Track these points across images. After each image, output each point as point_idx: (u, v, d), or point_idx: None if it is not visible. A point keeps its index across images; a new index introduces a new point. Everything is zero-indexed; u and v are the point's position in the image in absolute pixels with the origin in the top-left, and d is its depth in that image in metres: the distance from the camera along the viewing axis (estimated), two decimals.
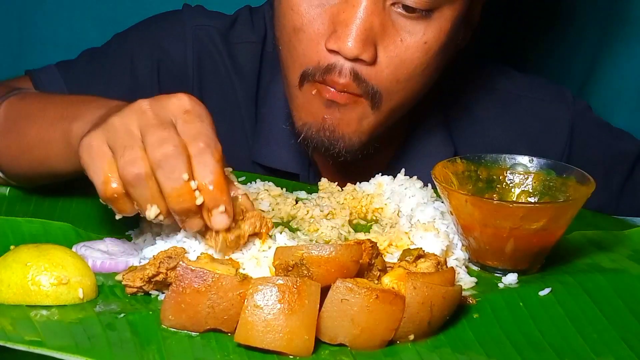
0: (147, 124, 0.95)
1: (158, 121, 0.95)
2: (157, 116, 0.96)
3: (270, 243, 1.01)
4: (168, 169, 0.93)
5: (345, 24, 1.17)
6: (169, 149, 0.93)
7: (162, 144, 0.93)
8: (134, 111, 0.97)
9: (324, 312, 0.87)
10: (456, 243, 1.08)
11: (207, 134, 0.95)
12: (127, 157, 0.94)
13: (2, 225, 1.06)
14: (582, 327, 0.95)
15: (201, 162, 0.94)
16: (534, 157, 1.12)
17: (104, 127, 0.97)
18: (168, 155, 0.93)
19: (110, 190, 0.95)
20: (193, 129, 0.95)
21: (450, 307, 0.92)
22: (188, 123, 0.96)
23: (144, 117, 0.96)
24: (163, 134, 0.94)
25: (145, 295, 0.96)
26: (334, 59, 1.19)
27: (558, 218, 1.02)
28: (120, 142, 0.95)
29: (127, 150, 0.94)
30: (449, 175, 1.09)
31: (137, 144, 0.94)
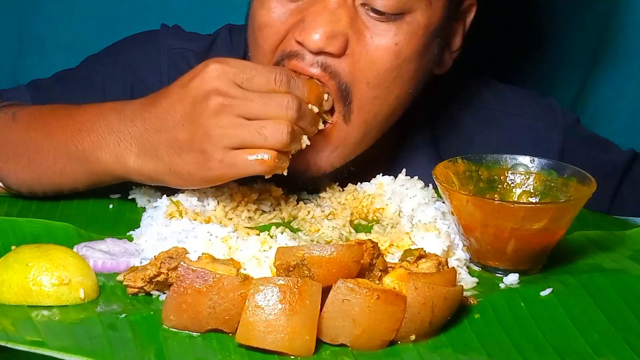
0: (241, 72, 1.07)
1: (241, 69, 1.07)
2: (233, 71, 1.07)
3: (271, 243, 1.01)
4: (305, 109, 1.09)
5: (313, 16, 1.15)
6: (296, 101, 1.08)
7: (287, 100, 1.07)
8: (214, 78, 1.06)
9: (325, 313, 0.87)
10: (457, 243, 1.08)
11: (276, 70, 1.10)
12: (273, 101, 1.07)
13: (4, 226, 1.06)
14: (583, 327, 0.95)
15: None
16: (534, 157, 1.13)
17: (209, 114, 1.05)
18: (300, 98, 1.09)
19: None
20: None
21: (451, 308, 0.92)
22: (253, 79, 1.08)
23: (228, 74, 1.07)
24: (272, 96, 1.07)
25: (146, 296, 0.96)
26: (299, 48, 1.17)
27: (559, 218, 1.02)
28: (251, 101, 1.06)
29: (265, 98, 1.07)
30: (450, 175, 1.09)
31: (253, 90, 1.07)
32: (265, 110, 1.06)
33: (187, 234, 1.03)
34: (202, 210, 1.14)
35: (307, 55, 1.16)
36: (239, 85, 1.07)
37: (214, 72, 1.07)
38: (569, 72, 1.93)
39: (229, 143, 1.05)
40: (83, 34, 1.78)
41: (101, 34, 1.56)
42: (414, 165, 1.32)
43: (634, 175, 1.51)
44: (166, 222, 1.08)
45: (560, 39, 1.92)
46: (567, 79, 1.91)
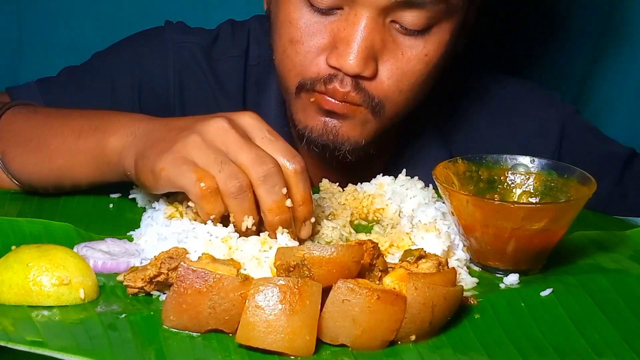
0: (236, 141, 1.03)
1: (245, 139, 1.03)
2: (241, 135, 1.03)
3: (271, 243, 1.01)
4: (270, 184, 1.02)
5: (347, 41, 1.18)
6: (271, 166, 1.02)
7: (263, 161, 1.02)
8: (214, 129, 1.03)
9: (325, 313, 0.87)
10: (457, 243, 1.09)
11: (292, 152, 1.05)
12: (227, 171, 1.01)
13: (4, 226, 1.06)
14: (584, 327, 0.95)
15: (297, 180, 1.04)
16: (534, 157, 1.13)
17: (184, 142, 1.03)
18: (271, 172, 1.01)
19: (208, 186, 1.01)
20: (279, 147, 1.04)
21: (451, 308, 0.92)
22: (272, 142, 1.05)
23: (229, 135, 1.03)
24: (259, 152, 1.02)
25: (146, 296, 0.96)
26: (334, 72, 1.21)
27: (559, 218, 1.02)
28: (213, 157, 1.02)
29: (224, 165, 1.01)
30: (450, 175, 1.09)
31: (231, 160, 1.02)
32: (244, 161, 1.03)
33: (187, 234, 1.03)
34: None
35: (345, 79, 1.21)
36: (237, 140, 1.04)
37: (218, 121, 1.05)
38: (570, 70, 1.93)
39: (192, 155, 1.03)
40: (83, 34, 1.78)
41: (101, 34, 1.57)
42: (419, 148, 1.41)
43: (635, 170, 1.51)
44: (166, 222, 1.08)
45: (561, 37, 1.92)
46: (568, 77, 1.91)
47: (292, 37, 1.23)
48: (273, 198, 1.02)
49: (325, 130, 1.25)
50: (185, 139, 1.04)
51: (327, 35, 1.21)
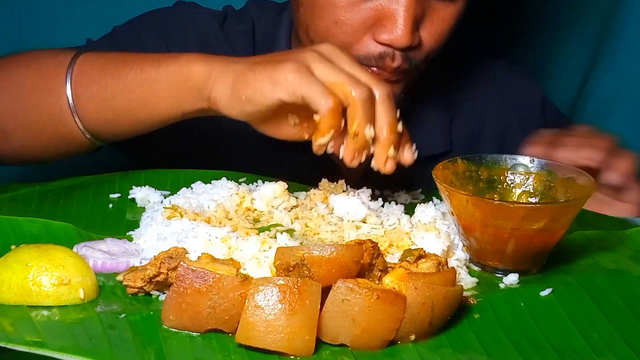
0: (352, 63, 1.09)
1: (354, 63, 1.09)
2: (348, 59, 1.10)
3: (271, 243, 1.01)
4: (390, 103, 1.07)
5: (394, 17, 1.24)
6: (389, 88, 1.08)
7: (383, 82, 1.08)
8: (329, 50, 1.10)
9: (325, 313, 0.87)
10: (457, 243, 1.09)
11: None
12: (354, 80, 1.06)
13: (3, 225, 1.06)
14: (583, 327, 0.95)
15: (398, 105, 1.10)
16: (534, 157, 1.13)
17: (304, 56, 1.08)
18: (390, 93, 1.08)
19: (336, 101, 1.05)
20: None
21: (451, 308, 0.92)
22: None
23: (344, 56, 1.10)
24: (372, 75, 1.09)
25: (146, 296, 0.96)
26: (385, 49, 1.26)
27: (559, 218, 1.02)
28: (337, 70, 1.07)
29: (350, 75, 1.06)
30: (450, 175, 1.09)
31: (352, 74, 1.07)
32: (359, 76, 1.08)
33: (187, 234, 1.03)
34: (202, 211, 1.14)
35: (396, 53, 1.26)
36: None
37: (325, 46, 1.11)
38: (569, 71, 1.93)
39: (313, 66, 1.07)
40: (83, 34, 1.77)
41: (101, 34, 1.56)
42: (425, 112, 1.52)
43: None
44: (166, 222, 1.08)
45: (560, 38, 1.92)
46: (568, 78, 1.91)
47: (336, 18, 1.28)
48: (392, 116, 1.07)
49: None
50: (303, 54, 1.08)
51: (371, 13, 1.26)
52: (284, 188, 1.19)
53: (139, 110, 1.20)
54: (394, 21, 1.24)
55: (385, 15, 1.25)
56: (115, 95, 1.20)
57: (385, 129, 1.07)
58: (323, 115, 1.05)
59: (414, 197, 1.29)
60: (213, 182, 1.22)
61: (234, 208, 1.17)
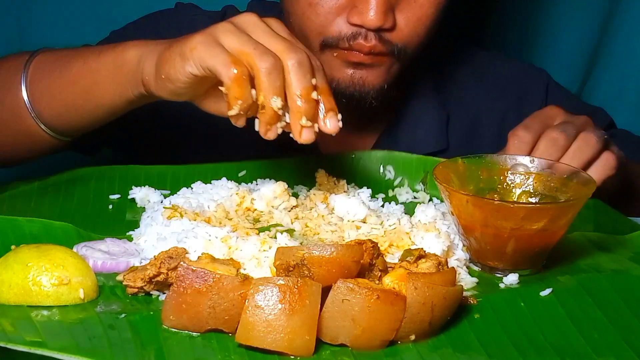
0: (266, 31, 1.07)
1: (271, 32, 1.07)
2: (266, 27, 1.07)
3: (271, 243, 1.01)
4: (303, 71, 1.04)
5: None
6: (304, 54, 1.05)
7: (296, 49, 1.05)
8: (245, 19, 1.08)
9: (325, 313, 0.87)
10: (457, 243, 1.09)
11: (308, 50, 1.09)
12: (261, 48, 1.04)
13: (3, 225, 1.06)
14: (583, 327, 0.95)
15: (317, 73, 1.07)
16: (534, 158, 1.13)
17: (215, 27, 1.06)
18: (304, 59, 1.05)
19: (240, 70, 1.02)
20: (299, 44, 1.08)
21: (451, 308, 0.92)
22: (294, 40, 1.08)
23: (259, 25, 1.07)
24: (291, 41, 1.07)
25: (146, 296, 0.96)
26: (357, 29, 1.28)
27: (559, 218, 1.02)
28: (246, 39, 1.05)
29: (258, 44, 1.04)
30: (450, 175, 1.09)
31: (260, 43, 1.05)
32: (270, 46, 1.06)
33: (187, 234, 1.03)
34: (202, 211, 1.14)
35: (369, 34, 1.28)
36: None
37: (243, 17, 1.10)
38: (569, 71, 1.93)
39: (221, 37, 1.06)
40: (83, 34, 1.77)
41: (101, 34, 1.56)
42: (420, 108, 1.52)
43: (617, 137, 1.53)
44: (166, 222, 1.08)
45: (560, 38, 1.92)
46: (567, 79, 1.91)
47: (310, 0, 1.30)
48: (304, 84, 1.04)
49: (352, 81, 1.33)
50: (216, 26, 1.07)
51: None
52: (284, 188, 1.19)
53: (85, 100, 1.22)
54: (365, 2, 1.26)
55: None
56: (62, 88, 1.23)
57: (296, 98, 1.04)
58: (227, 86, 1.03)
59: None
60: (213, 182, 1.23)
61: (234, 208, 1.17)
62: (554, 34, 1.93)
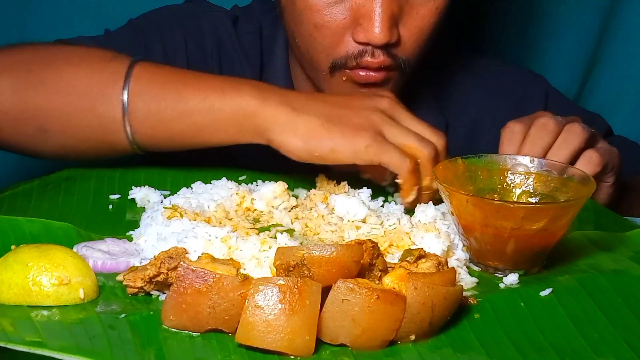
0: (407, 117, 1.21)
1: (412, 116, 1.22)
2: (407, 112, 1.22)
3: (271, 243, 1.01)
4: (443, 154, 1.21)
5: (369, 16, 1.27)
6: (445, 139, 1.22)
7: (441, 134, 1.21)
8: (388, 104, 1.21)
9: (325, 313, 0.87)
10: (457, 243, 1.08)
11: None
12: (422, 139, 1.19)
13: (3, 225, 1.06)
14: (583, 327, 0.95)
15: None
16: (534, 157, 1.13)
17: (371, 119, 1.18)
18: (446, 144, 1.21)
19: (413, 162, 1.17)
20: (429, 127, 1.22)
21: (451, 308, 0.92)
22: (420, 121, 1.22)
23: (400, 110, 1.21)
24: (431, 127, 1.22)
25: (146, 296, 0.96)
26: (364, 47, 1.29)
27: (559, 218, 1.02)
28: (405, 131, 1.19)
29: (417, 135, 1.19)
30: (450, 175, 1.09)
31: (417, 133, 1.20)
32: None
33: (187, 234, 1.03)
34: (202, 211, 1.14)
35: (376, 51, 1.29)
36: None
37: (384, 103, 1.21)
38: (568, 72, 1.93)
39: (385, 131, 1.17)
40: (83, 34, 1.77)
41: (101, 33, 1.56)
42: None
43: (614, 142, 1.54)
44: (166, 222, 1.08)
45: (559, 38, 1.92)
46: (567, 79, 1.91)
47: (315, 22, 1.30)
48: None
49: None
50: (371, 116, 1.18)
51: (349, 14, 1.29)
52: (284, 188, 1.19)
53: (196, 135, 1.22)
54: (370, 19, 1.26)
55: (361, 14, 1.27)
56: (173, 117, 1.21)
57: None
58: (404, 178, 1.16)
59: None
60: (213, 182, 1.22)
61: (234, 208, 1.17)
62: (554, 34, 1.93)
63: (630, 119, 1.90)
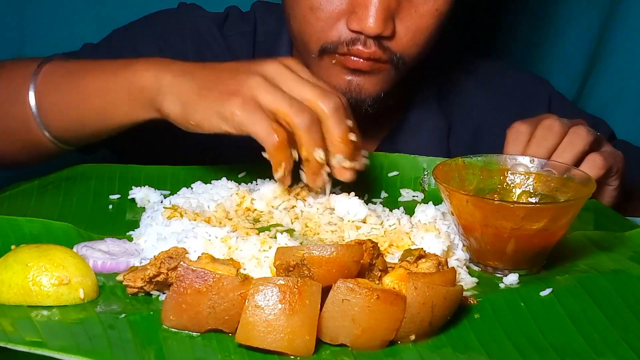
0: (296, 80, 1.11)
1: (300, 80, 1.11)
2: (294, 76, 1.11)
3: (271, 243, 1.01)
4: (339, 115, 1.10)
5: (365, 5, 1.26)
6: (338, 99, 1.11)
7: (330, 95, 1.10)
8: (273, 69, 1.11)
9: (325, 313, 0.87)
10: (457, 243, 1.09)
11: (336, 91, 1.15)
12: (297, 105, 1.08)
13: (3, 225, 1.06)
14: (583, 327, 0.95)
15: (349, 110, 1.14)
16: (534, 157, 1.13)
17: (248, 84, 1.09)
18: (339, 105, 1.10)
19: (281, 136, 1.07)
20: (324, 86, 1.13)
21: (451, 308, 0.92)
22: (318, 82, 1.13)
23: (288, 74, 1.11)
24: (322, 88, 1.11)
25: (146, 296, 0.96)
26: (356, 35, 1.28)
27: (559, 218, 1.02)
28: (280, 96, 1.09)
29: (293, 101, 1.08)
30: (450, 175, 1.09)
31: (295, 97, 1.09)
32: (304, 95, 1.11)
33: (187, 234, 1.03)
34: (202, 211, 1.14)
35: (368, 40, 1.28)
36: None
37: (270, 66, 1.12)
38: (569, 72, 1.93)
39: (259, 97, 1.09)
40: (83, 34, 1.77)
41: (101, 34, 1.57)
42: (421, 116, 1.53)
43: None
44: (166, 222, 1.08)
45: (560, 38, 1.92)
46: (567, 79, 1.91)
47: (312, 4, 1.30)
48: (342, 128, 1.10)
49: (349, 88, 1.33)
50: (247, 80, 1.10)
51: (346, 0, 1.28)
52: (284, 187, 1.19)
53: (97, 118, 1.23)
54: (365, 9, 1.26)
55: (357, 3, 1.27)
56: (73, 105, 1.23)
57: (337, 143, 1.10)
58: (270, 153, 1.09)
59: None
60: (213, 182, 1.22)
61: (234, 208, 1.17)
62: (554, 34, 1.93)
63: (630, 118, 1.90)
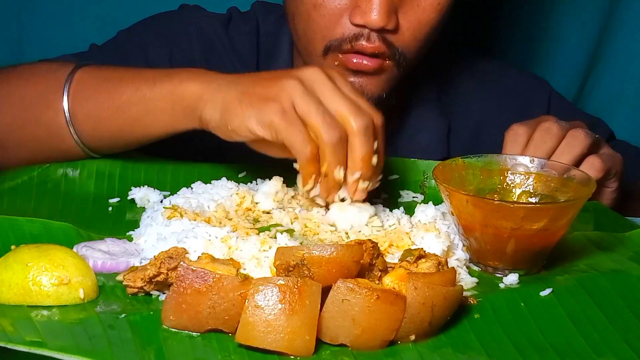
0: (333, 91, 1.10)
1: (340, 90, 1.10)
2: (333, 86, 1.10)
3: (271, 243, 1.01)
4: (367, 136, 1.09)
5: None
6: (369, 118, 1.10)
7: (363, 112, 1.09)
8: (312, 76, 1.11)
9: (325, 313, 0.87)
10: (457, 243, 1.09)
11: (373, 107, 1.13)
12: (328, 121, 1.08)
13: (3, 225, 1.06)
14: (583, 327, 0.95)
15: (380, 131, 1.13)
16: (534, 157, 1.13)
17: (283, 88, 1.09)
18: (369, 124, 1.09)
19: (314, 149, 1.08)
20: (364, 101, 1.13)
21: (451, 308, 0.92)
22: (358, 97, 1.12)
23: (326, 84, 1.11)
24: (356, 103, 1.10)
25: (146, 296, 0.96)
26: (360, 30, 1.28)
27: (559, 218, 1.02)
28: (314, 105, 1.08)
29: (325, 115, 1.08)
30: (450, 175, 1.09)
31: (329, 108, 1.09)
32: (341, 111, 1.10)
33: (187, 234, 1.03)
34: (202, 211, 1.14)
35: (372, 35, 1.28)
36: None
37: (309, 73, 1.12)
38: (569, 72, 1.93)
39: (295, 102, 1.09)
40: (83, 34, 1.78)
41: (101, 34, 1.57)
42: (422, 117, 1.53)
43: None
44: (166, 222, 1.08)
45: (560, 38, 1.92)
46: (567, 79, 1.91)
47: (315, 1, 1.30)
48: (367, 149, 1.09)
49: None
50: (285, 85, 1.09)
51: None
52: (281, 182, 1.20)
53: (134, 128, 1.22)
54: (368, 2, 1.27)
55: None
56: (110, 114, 1.22)
57: (358, 162, 1.09)
58: (302, 165, 1.10)
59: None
60: (213, 182, 1.23)
61: (234, 208, 1.17)
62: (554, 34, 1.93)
63: (630, 119, 1.90)
